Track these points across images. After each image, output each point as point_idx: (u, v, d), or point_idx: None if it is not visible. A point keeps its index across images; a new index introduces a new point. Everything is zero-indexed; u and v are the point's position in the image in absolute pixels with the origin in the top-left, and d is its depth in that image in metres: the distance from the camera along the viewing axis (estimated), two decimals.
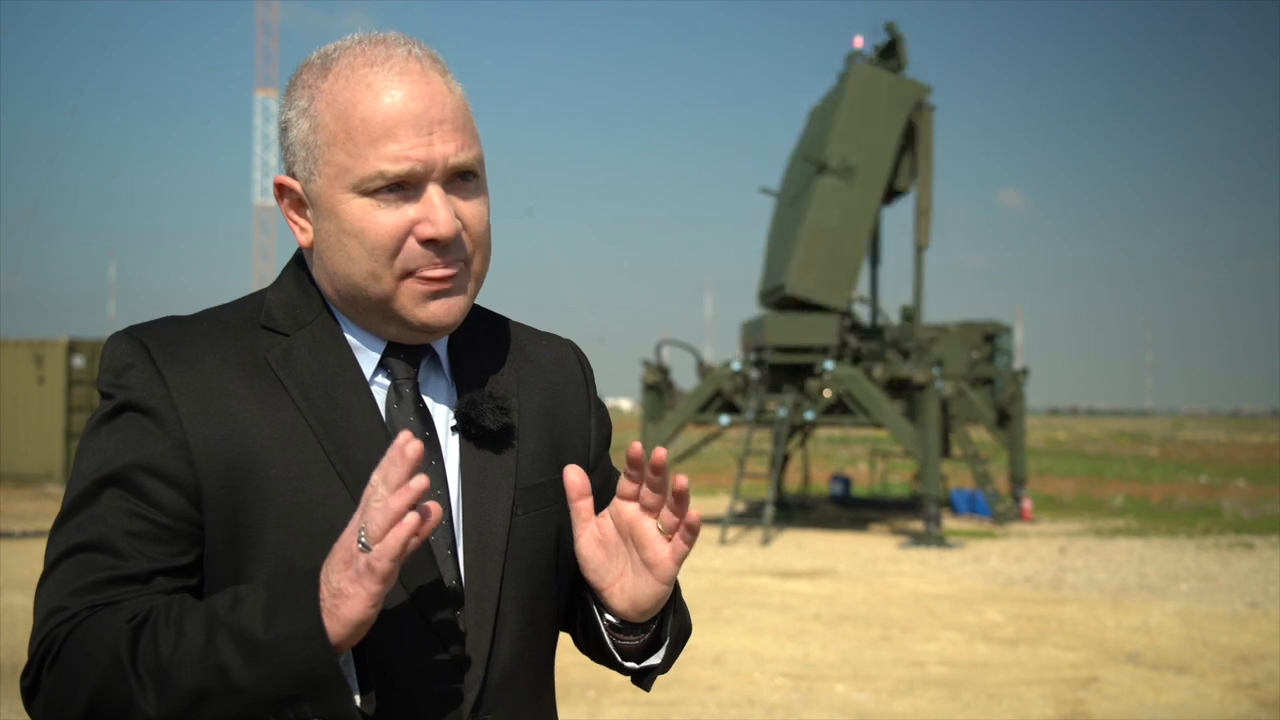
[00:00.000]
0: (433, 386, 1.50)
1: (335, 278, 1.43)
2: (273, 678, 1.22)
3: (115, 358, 1.40)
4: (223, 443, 1.36)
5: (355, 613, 1.21)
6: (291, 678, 1.22)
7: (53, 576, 1.35)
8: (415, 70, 1.40)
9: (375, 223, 1.38)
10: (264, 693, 1.22)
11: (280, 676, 1.22)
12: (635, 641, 1.51)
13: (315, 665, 1.21)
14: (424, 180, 1.38)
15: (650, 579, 1.43)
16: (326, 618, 1.22)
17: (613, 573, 1.45)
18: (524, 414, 1.53)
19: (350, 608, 1.21)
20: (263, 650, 1.22)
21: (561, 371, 1.62)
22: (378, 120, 1.37)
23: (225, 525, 1.36)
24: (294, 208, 1.47)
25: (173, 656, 1.24)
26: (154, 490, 1.34)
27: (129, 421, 1.37)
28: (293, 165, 1.45)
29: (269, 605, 1.24)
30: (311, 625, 1.22)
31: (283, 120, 1.47)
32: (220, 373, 1.40)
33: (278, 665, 1.22)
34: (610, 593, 1.45)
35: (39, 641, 1.33)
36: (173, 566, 1.34)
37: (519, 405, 1.53)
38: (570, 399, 1.61)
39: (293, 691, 1.22)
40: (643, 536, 1.42)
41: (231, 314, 1.47)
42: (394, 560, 1.19)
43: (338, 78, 1.40)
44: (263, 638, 1.22)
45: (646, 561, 1.43)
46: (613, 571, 1.44)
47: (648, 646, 1.52)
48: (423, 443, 1.23)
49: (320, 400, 1.41)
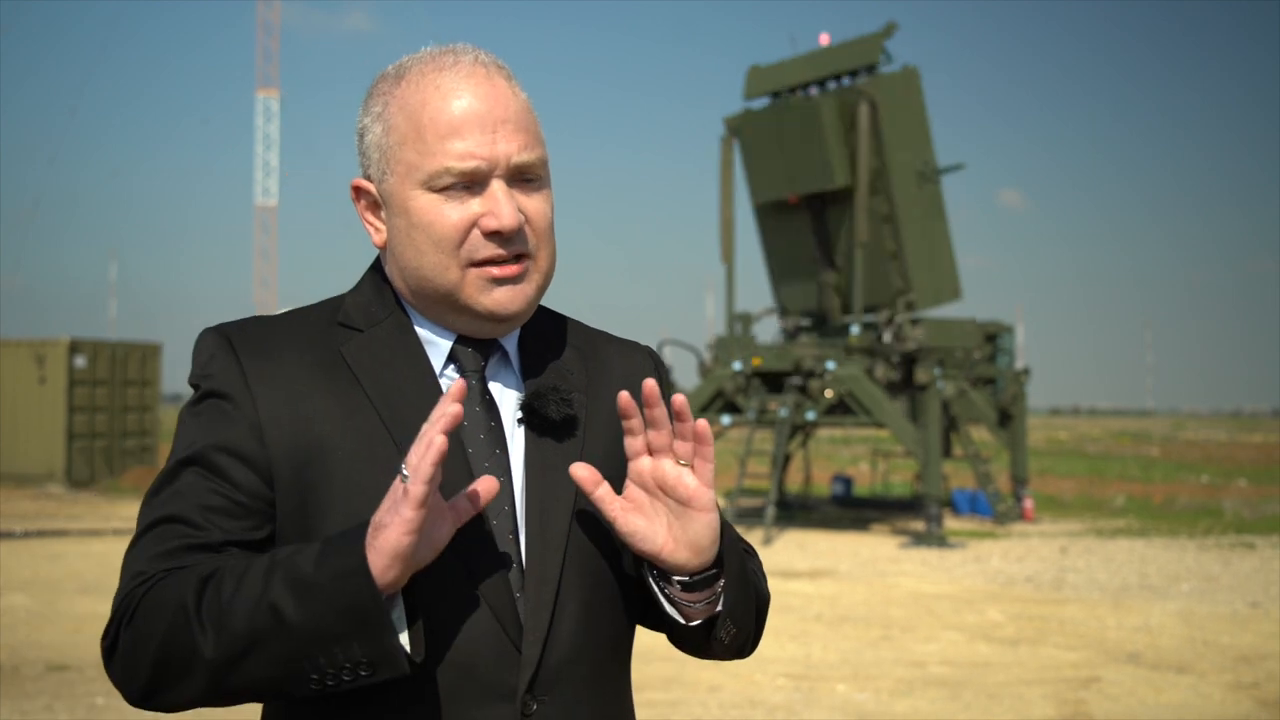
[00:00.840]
0: (502, 380, 1.56)
1: (406, 271, 1.51)
2: (321, 614, 1.29)
3: (201, 351, 1.51)
4: (293, 426, 1.46)
5: (390, 540, 1.27)
6: (337, 613, 1.29)
7: (136, 547, 1.44)
8: (480, 74, 1.49)
9: (442, 216, 1.47)
10: (313, 630, 1.29)
11: (327, 613, 1.29)
12: (703, 600, 1.51)
13: (360, 600, 1.28)
14: (488, 177, 1.47)
15: (693, 513, 1.46)
16: (369, 552, 1.29)
17: (660, 531, 1.46)
18: (594, 410, 1.58)
19: (386, 536, 1.28)
20: (311, 588, 1.29)
21: (635, 373, 1.66)
22: (445, 119, 1.46)
23: (294, 504, 1.45)
24: (369, 209, 1.56)
25: (232, 600, 1.32)
26: (230, 468, 1.44)
27: (211, 407, 1.48)
28: (368, 168, 1.54)
29: (322, 550, 1.32)
30: (356, 561, 1.29)
31: (360, 127, 1.55)
32: (296, 363, 1.49)
33: (325, 601, 1.29)
34: (666, 551, 1.46)
35: (119, 603, 1.41)
36: (245, 540, 1.43)
37: (588, 401, 1.58)
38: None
39: (339, 628, 1.29)
40: (666, 479, 1.46)
41: (312, 312, 1.57)
42: (426, 482, 1.25)
43: (409, 83, 1.49)
44: (312, 576, 1.30)
45: (682, 500, 1.46)
46: (659, 530, 1.46)
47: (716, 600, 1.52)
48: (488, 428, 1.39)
49: (388, 390, 1.49)
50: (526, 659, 1.44)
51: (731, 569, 1.52)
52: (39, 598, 10.73)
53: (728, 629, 1.53)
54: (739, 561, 1.55)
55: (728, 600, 1.51)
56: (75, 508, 19.44)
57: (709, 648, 1.56)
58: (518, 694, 1.44)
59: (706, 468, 1.45)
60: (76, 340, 23.27)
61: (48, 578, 11.94)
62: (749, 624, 1.58)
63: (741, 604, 1.55)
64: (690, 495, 1.45)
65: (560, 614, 1.47)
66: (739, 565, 1.55)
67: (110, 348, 24.06)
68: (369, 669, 1.31)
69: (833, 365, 18.20)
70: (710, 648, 1.56)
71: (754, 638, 1.62)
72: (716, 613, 1.51)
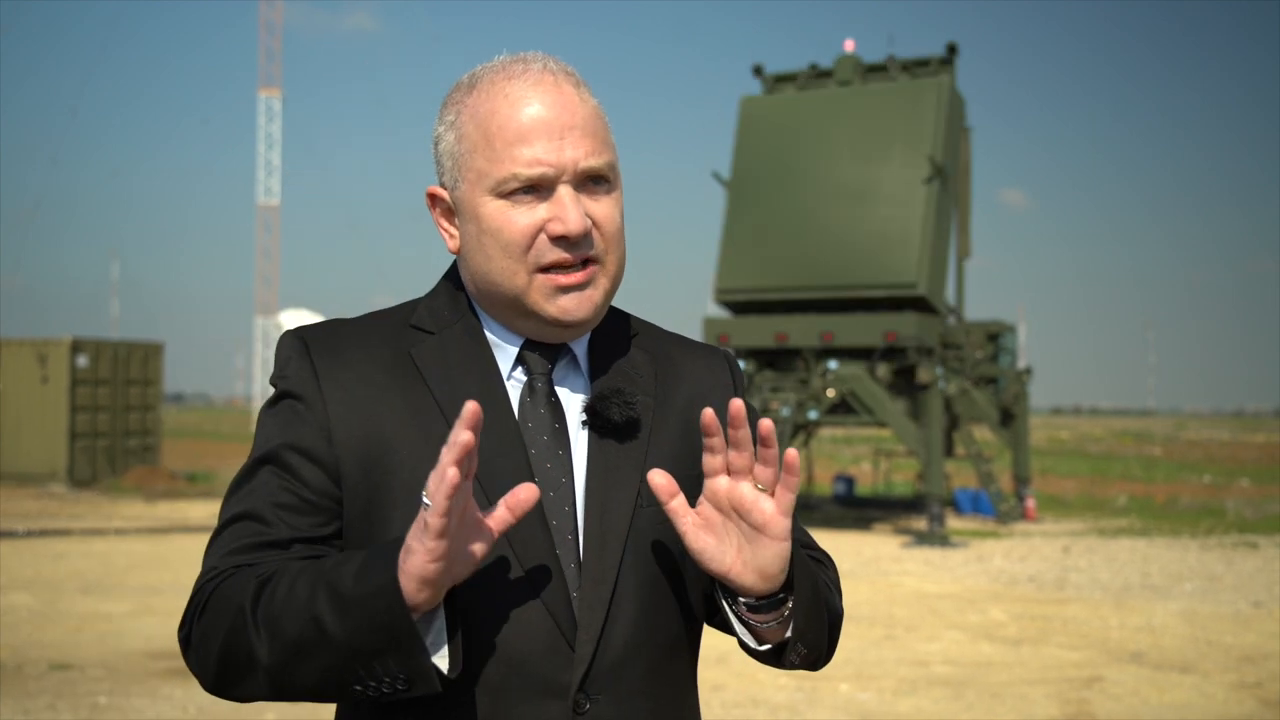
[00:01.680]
0: (570, 383, 1.58)
1: (476, 276, 1.54)
2: (358, 630, 1.32)
3: (280, 353, 1.56)
4: (361, 427, 1.50)
5: (416, 567, 1.29)
6: (373, 630, 1.31)
7: (214, 542, 1.50)
8: (549, 82, 1.51)
9: (510, 221, 1.49)
10: (352, 644, 1.32)
11: (364, 629, 1.32)
12: (771, 620, 1.49)
13: (391, 619, 1.30)
14: (555, 182, 1.48)
15: (765, 540, 1.44)
16: (400, 574, 1.31)
17: (728, 553, 1.45)
18: (664, 414, 1.59)
19: (413, 562, 1.29)
20: (349, 605, 1.32)
21: (709, 376, 1.67)
22: (513, 127, 1.48)
23: (360, 502, 1.49)
24: (444, 216, 1.59)
25: (283, 607, 1.36)
26: (300, 467, 1.49)
27: (286, 408, 1.52)
28: (442, 176, 1.57)
29: (361, 565, 1.35)
30: (387, 581, 1.31)
31: (434, 135, 1.58)
32: (366, 365, 1.53)
33: (361, 618, 1.32)
34: (734, 573, 1.45)
35: (194, 596, 1.46)
36: (312, 536, 1.48)
37: (657, 404, 1.58)
38: (716, 402, 1.63)
39: (375, 644, 1.32)
40: (743, 502, 1.44)
41: (387, 316, 1.61)
42: (443, 515, 1.26)
43: (480, 92, 1.52)
44: (350, 591, 1.33)
45: (756, 525, 1.44)
46: (728, 551, 1.45)
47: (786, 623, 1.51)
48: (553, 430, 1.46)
49: (454, 391, 1.51)
50: (580, 656, 1.45)
51: (802, 592, 1.50)
52: (41, 597, 10.74)
53: (798, 651, 1.52)
54: (810, 584, 1.53)
55: (798, 624, 1.50)
56: (77, 507, 19.45)
57: (778, 664, 1.56)
58: (570, 691, 1.45)
59: (787, 497, 1.43)
60: (79, 340, 23.28)
61: (50, 577, 11.94)
62: (821, 643, 1.57)
63: (813, 626, 1.53)
64: (765, 522, 1.43)
65: (616, 613, 1.48)
66: (810, 588, 1.52)
67: (112, 347, 24.07)
68: (405, 684, 1.33)
69: (834, 364, 18.19)
70: (779, 665, 1.55)
71: (827, 653, 1.61)
72: (786, 639, 1.50)
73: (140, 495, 21.33)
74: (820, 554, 1.68)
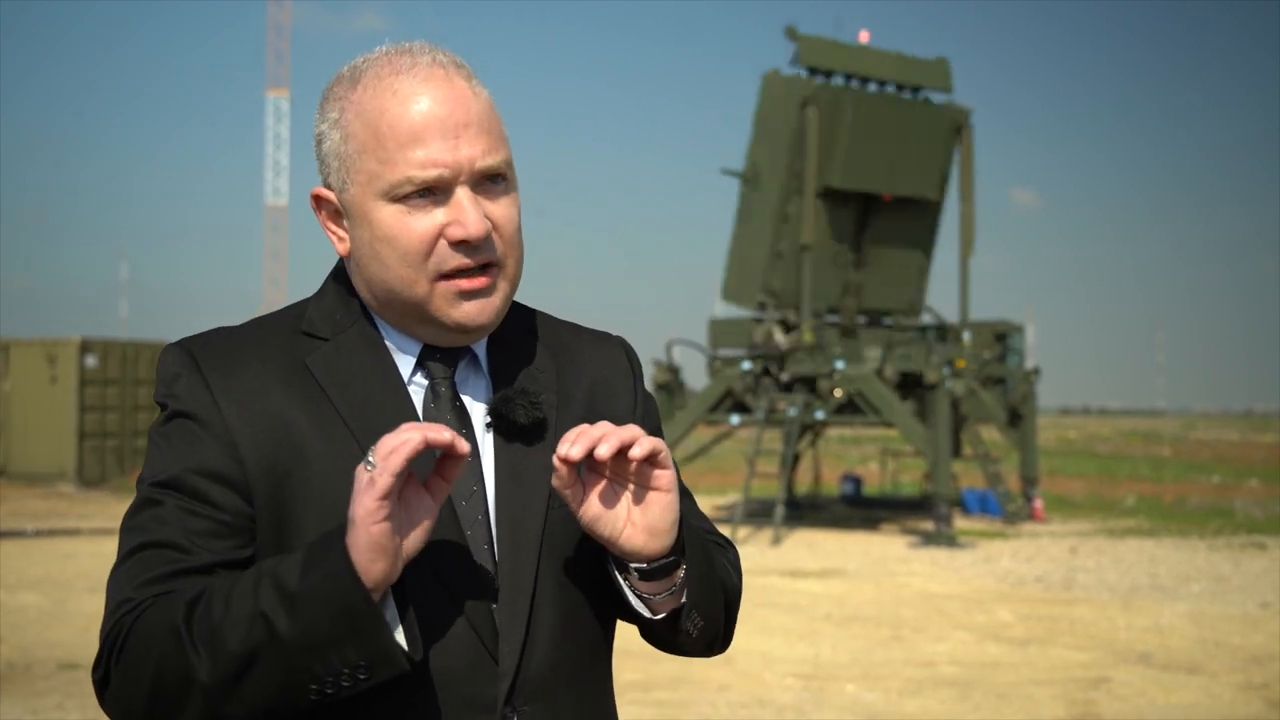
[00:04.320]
0: (472, 385, 1.53)
1: (372, 283, 1.48)
2: (313, 621, 1.27)
3: (166, 368, 1.48)
4: (266, 440, 1.43)
5: (363, 534, 1.26)
6: (330, 618, 1.27)
7: (119, 573, 1.41)
8: (440, 76, 1.43)
9: (406, 228, 1.42)
10: (307, 639, 1.27)
11: (319, 619, 1.27)
12: (664, 590, 1.47)
13: (349, 601, 1.26)
14: (452, 184, 1.42)
15: (652, 494, 1.42)
16: (351, 550, 1.27)
17: (620, 514, 1.42)
18: (566, 409, 1.55)
19: (359, 532, 1.26)
20: (299, 596, 1.27)
21: (608, 366, 1.63)
22: (404, 126, 1.41)
23: (272, 519, 1.42)
24: (331, 218, 1.51)
25: (224, 618, 1.29)
26: (208, 490, 1.41)
27: (180, 428, 1.44)
28: (328, 176, 1.49)
29: (306, 556, 1.30)
30: (340, 562, 1.27)
31: (317, 133, 1.51)
32: (262, 377, 1.46)
33: (315, 608, 1.27)
34: (624, 536, 1.42)
35: (107, 633, 1.38)
36: (233, 560, 1.40)
37: (560, 401, 1.55)
38: (617, 393, 1.62)
39: (332, 633, 1.27)
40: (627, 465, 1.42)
41: (275, 322, 1.54)
42: (394, 474, 1.24)
43: (366, 88, 1.44)
44: (298, 584, 1.28)
45: (642, 482, 1.42)
46: (619, 513, 1.42)
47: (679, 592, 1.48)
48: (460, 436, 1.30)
49: (357, 400, 1.46)
50: (504, 669, 1.42)
51: (693, 558, 1.47)
52: (50, 596, 10.78)
53: (694, 621, 1.49)
54: (701, 552, 1.50)
55: (692, 592, 1.47)
56: (86, 507, 19.51)
57: (677, 642, 1.53)
58: (497, 705, 1.42)
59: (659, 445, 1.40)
60: (87, 340, 23.33)
61: (59, 576, 11.98)
62: (718, 617, 1.54)
63: (707, 595, 1.50)
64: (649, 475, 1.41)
65: (537, 621, 1.45)
66: (701, 555, 1.50)
67: (121, 347, 24.13)
68: (366, 671, 1.29)
69: (841, 365, 18.18)
70: (679, 642, 1.52)
71: (725, 632, 1.58)
72: (681, 604, 1.47)
73: None
74: (721, 539, 1.65)
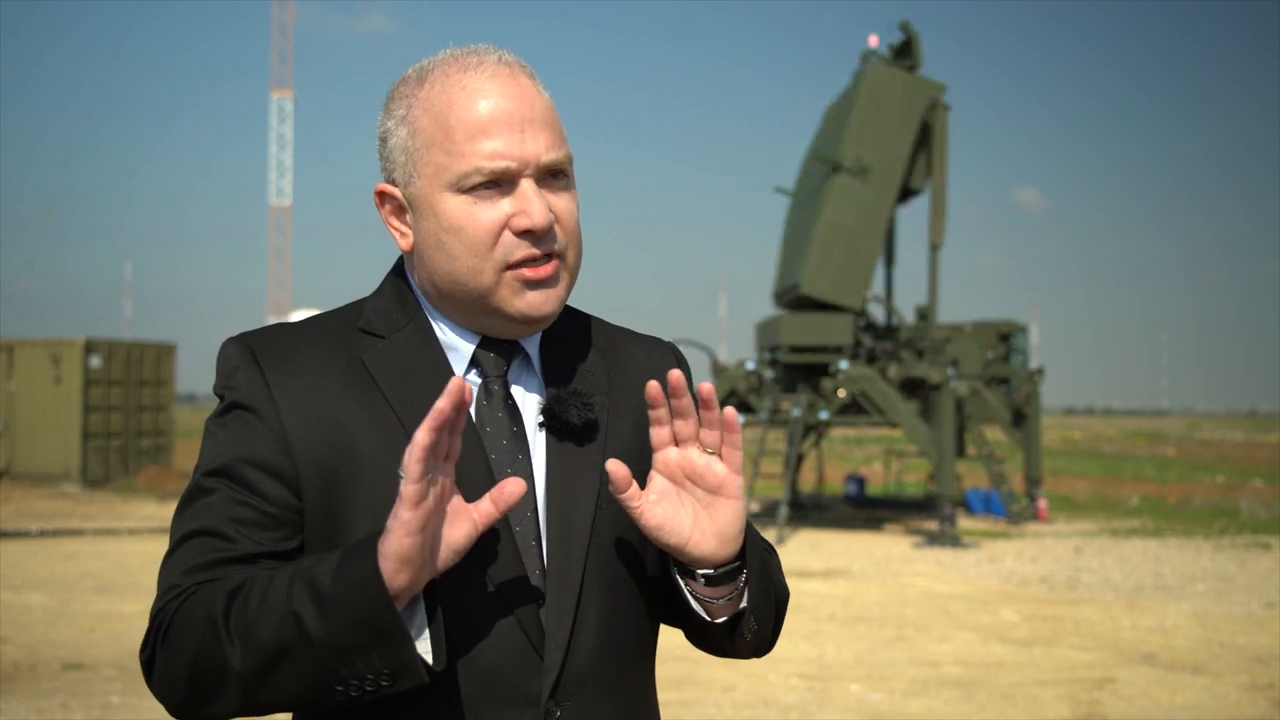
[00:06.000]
0: (524, 384, 1.55)
1: (437, 276, 1.50)
2: (340, 625, 1.29)
3: (225, 361, 1.51)
4: (319, 436, 1.45)
5: (392, 544, 1.27)
6: (356, 625, 1.28)
7: (169, 561, 1.44)
8: (505, 74, 1.48)
9: (473, 218, 1.45)
10: (333, 641, 1.29)
11: (345, 624, 1.29)
12: (726, 594, 1.50)
13: (374, 609, 1.28)
14: (518, 176, 1.46)
15: (722, 501, 1.45)
16: (380, 559, 1.28)
17: (685, 521, 1.45)
18: (618, 411, 1.57)
19: (389, 540, 1.28)
20: (329, 599, 1.29)
21: (657, 370, 1.64)
22: (473, 119, 1.45)
23: (322, 513, 1.45)
24: (394, 214, 1.54)
25: (258, 612, 1.32)
26: (258, 481, 1.44)
27: (236, 419, 1.47)
28: (392, 172, 1.52)
29: (340, 559, 1.32)
30: (369, 570, 1.29)
31: (381, 131, 1.53)
32: (318, 372, 1.49)
33: (342, 612, 1.29)
34: (692, 542, 1.45)
35: (154, 618, 1.41)
36: (277, 551, 1.43)
37: (611, 403, 1.57)
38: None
39: (358, 639, 1.29)
40: (694, 468, 1.46)
41: (333, 319, 1.57)
42: (416, 482, 1.26)
43: (433, 85, 1.48)
44: (329, 587, 1.30)
45: (711, 488, 1.45)
46: (684, 520, 1.45)
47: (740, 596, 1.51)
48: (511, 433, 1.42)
49: (410, 396, 1.48)
50: (549, 665, 1.44)
51: (754, 564, 1.51)
52: (55, 597, 10.78)
53: (750, 626, 1.52)
54: (760, 557, 1.54)
55: (751, 596, 1.50)
56: (91, 507, 19.52)
57: (730, 646, 1.55)
58: (541, 700, 1.44)
59: (735, 455, 1.44)
60: (92, 340, 23.36)
61: (63, 577, 11.99)
62: (769, 621, 1.57)
63: (763, 601, 1.54)
64: (720, 483, 1.45)
65: (582, 619, 1.47)
66: (760, 561, 1.54)
67: (125, 348, 24.15)
68: (389, 679, 1.31)
69: (845, 365, 18.17)
70: (731, 646, 1.55)
71: (772, 636, 1.61)
72: (741, 609, 1.50)
73: (153, 495, 21.39)
74: (768, 544, 1.68)
